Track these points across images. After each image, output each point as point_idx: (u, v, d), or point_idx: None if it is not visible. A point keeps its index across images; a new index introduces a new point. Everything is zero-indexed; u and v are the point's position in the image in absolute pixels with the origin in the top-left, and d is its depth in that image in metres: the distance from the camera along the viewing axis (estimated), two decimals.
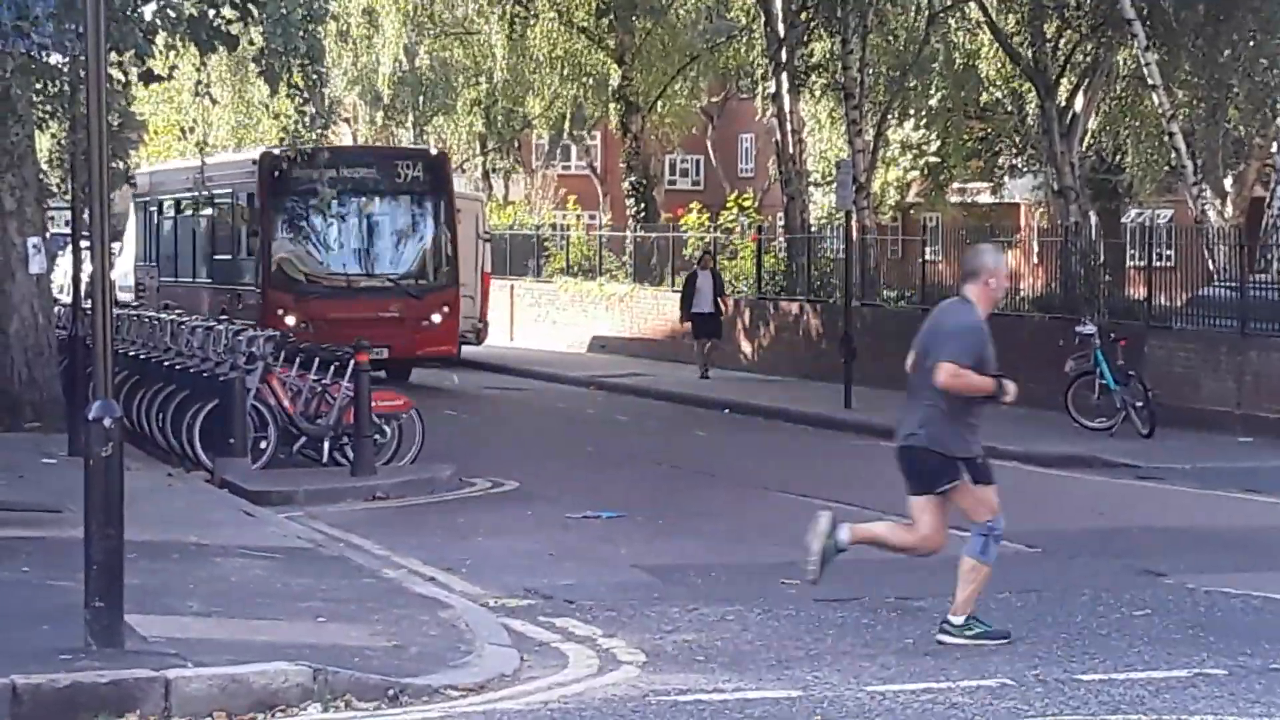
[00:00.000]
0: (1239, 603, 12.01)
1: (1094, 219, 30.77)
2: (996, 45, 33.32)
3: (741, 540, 14.71)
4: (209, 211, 28.54)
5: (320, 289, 23.19)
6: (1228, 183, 31.90)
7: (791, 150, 37.42)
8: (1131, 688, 9.34)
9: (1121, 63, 29.01)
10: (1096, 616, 11.52)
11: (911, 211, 40.31)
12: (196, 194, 28.46)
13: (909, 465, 10.84)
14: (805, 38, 36.37)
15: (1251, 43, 28.70)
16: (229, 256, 26.69)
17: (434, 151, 28.99)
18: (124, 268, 41.51)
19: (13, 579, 11.25)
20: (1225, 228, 29.57)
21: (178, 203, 30.88)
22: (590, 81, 47.04)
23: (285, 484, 17.06)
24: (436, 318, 24.11)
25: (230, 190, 27.29)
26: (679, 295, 35.45)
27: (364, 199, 24.23)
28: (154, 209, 31.95)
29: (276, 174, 23.63)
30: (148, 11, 18.86)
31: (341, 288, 23.54)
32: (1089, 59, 30.47)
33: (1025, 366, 23.52)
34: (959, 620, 10.51)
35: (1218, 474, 19.13)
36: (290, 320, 22.36)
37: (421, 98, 50.85)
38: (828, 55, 36.30)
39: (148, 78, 23.20)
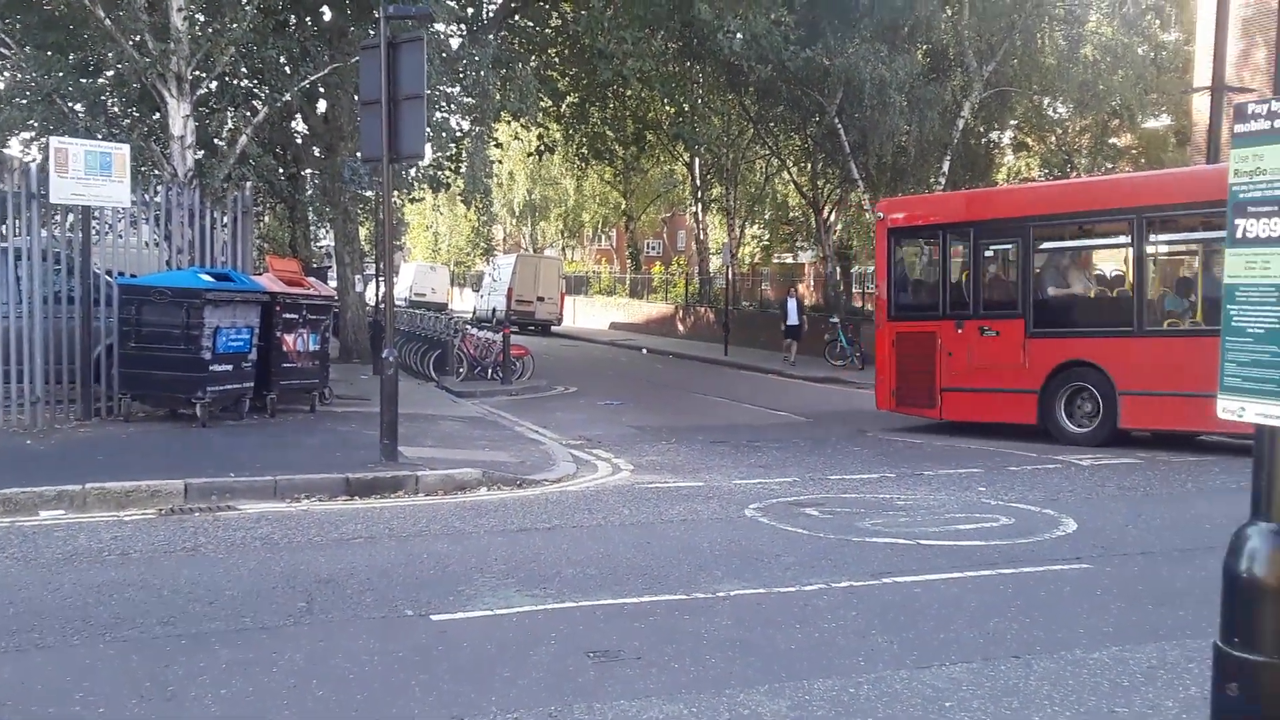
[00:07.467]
0: (901, 443, 12.06)
1: (838, 271, 30.24)
2: (795, 189, 32.85)
3: (679, 415, 14.72)
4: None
5: None
6: None
7: (701, 237, 37.09)
8: (848, 481, 9.43)
9: (853, 198, 28.39)
10: (836, 450, 11.56)
11: (756, 265, 39.57)
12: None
13: None
14: (708, 186, 36.08)
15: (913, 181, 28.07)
16: None
17: None
18: (401, 290, 40.95)
19: (346, 429, 11.25)
20: None
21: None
22: (611, 206, 46.70)
23: (470, 388, 17.01)
24: None
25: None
26: (700, 307, 33.67)
27: None
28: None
29: None
30: (411, 172, 18.68)
31: None
32: (838, 196, 30.06)
33: (811, 336, 24.64)
34: None
35: None
36: None
37: (535, 213, 50.42)
38: (720, 194, 35.93)
39: (410, 200, 23.26)
